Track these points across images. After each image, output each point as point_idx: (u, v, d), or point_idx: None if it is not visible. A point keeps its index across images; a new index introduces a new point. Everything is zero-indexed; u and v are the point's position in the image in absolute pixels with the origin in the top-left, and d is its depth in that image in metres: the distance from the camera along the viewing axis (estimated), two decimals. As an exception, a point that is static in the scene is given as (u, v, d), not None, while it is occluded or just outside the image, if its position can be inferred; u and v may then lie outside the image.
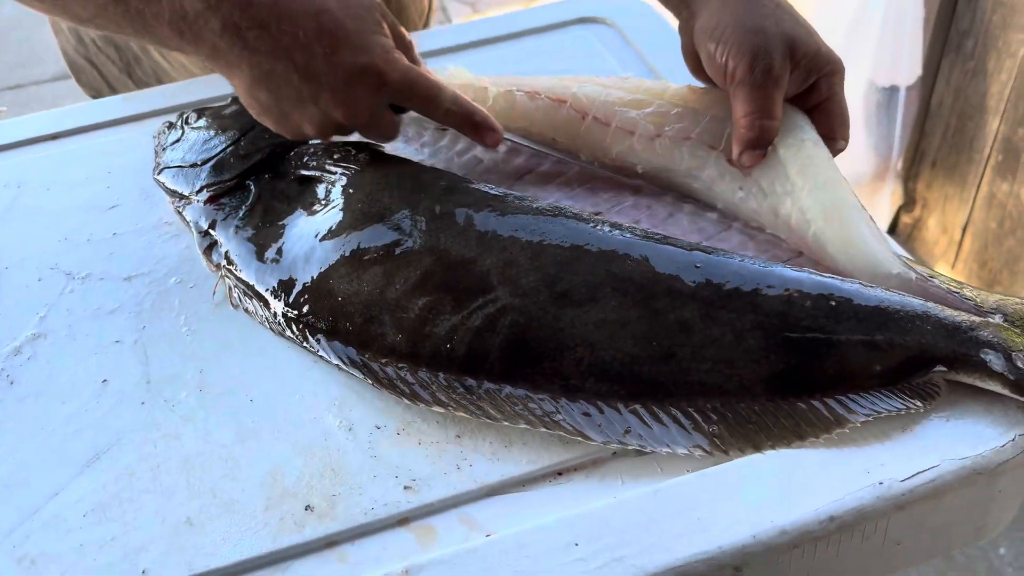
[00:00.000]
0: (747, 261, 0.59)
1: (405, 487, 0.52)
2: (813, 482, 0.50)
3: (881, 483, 0.49)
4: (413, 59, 0.68)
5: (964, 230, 1.95)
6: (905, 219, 2.12)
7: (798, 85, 0.65)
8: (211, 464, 0.55)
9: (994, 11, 1.74)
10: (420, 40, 0.93)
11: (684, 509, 0.49)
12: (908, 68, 1.81)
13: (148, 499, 0.54)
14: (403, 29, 0.68)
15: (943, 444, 0.51)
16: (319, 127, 0.66)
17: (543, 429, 0.54)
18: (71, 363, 0.64)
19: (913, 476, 0.49)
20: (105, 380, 0.62)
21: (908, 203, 2.09)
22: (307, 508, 0.52)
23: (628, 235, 0.61)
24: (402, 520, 0.51)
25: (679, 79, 0.85)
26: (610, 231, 0.61)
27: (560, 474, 0.53)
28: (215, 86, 0.90)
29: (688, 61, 0.72)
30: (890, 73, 1.82)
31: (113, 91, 1.05)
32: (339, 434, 0.56)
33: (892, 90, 1.84)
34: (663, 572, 0.47)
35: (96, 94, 1.06)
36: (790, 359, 0.54)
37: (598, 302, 0.56)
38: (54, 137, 0.88)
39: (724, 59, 0.64)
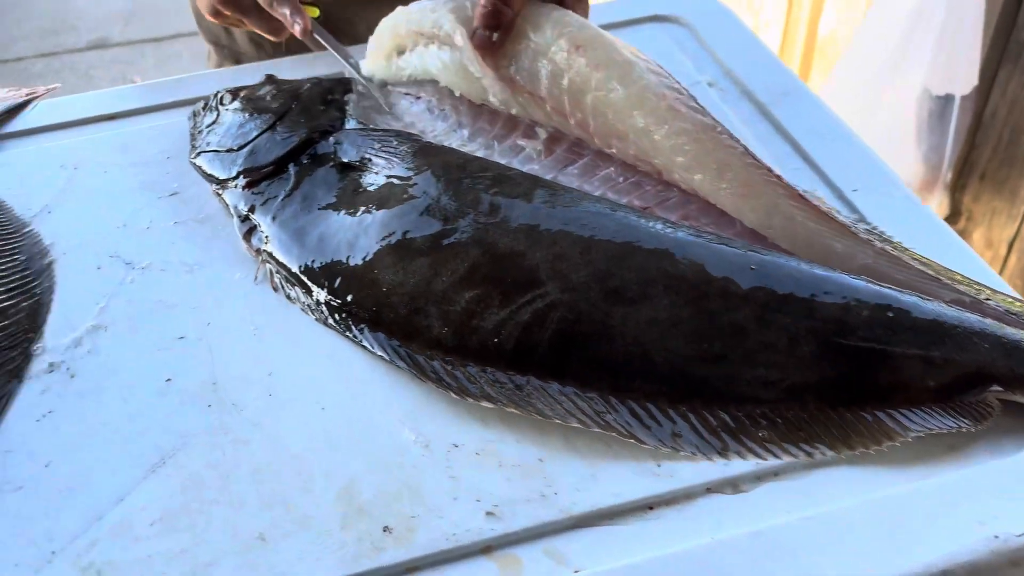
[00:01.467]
0: (804, 265, 0.57)
1: (487, 513, 0.50)
2: (923, 532, 0.47)
3: (996, 537, 0.47)
4: None
5: (1011, 246, 1.91)
6: (948, 231, 2.07)
7: None
8: (283, 475, 0.53)
9: (1058, 23, 1.69)
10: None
11: (787, 554, 0.47)
12: (965, 77, 1.76)
13: (218, 510, 0.51)
14: None
15: (1060, 496, 0.48)
16: (210, 11, 0.84)
17: (596, 429, 0.53)
18: (133, 358, 0.61)
19: (1030, 530, 0.47)
20: (169, 379, 0.60)
21: (953, 215, 2.05)
22: (385, 530, 0.50)
23: (681, 233, 0.59)
24: (485, 548, 0.49)
25: (758, 83, 0.82)
26: (663, 228, 0.60)
27: (651, 508, 0.50)
28: (270, 70, 0.87)
29: None
30: (946, 81, 1.78)
31: (230, 36, 1.04)
32: (415, 450, 0.54)
33: (947, 99, 1.80)
34: (765, 621, 0.44)
35: (215, 40, 1.06)
36: (843, 368, 0.53)
37: (650, 300, 0.56)
38: (111, 118, 0.86)
39: None
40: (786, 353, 0.54)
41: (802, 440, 0.52)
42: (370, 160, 0.70)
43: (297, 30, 0.80)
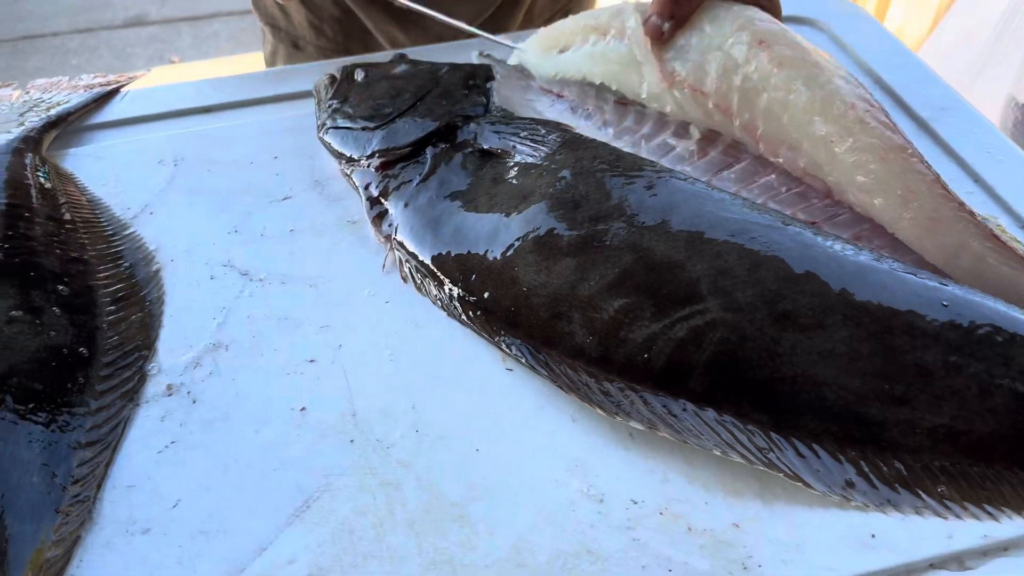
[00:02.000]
0: (1002, 306, 0.52)
1: (684, 584, 0.44)
2: None
3: None
4: None
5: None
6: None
7: None
8: (443, 526, 0.47)
9: None
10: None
11: (1040, 650, 0.41)
12: (1053, 87, 1.69)
13: (375, 566, 0.46)
14: None
15: None
16: None
17: (761, 467, 0.48)
18: (260, 382, 0.56)
19: None
20: (304, 408, 0.54)
21: None
22: (570, 600, 0.44)
23: (864, 256, 0.54)
24: (686, 626, 0.43)
25: (914, 96, 0.76)
26: (842, 248, 0.54)
27: (871, 585, 0.44)
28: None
29: None
30: (1033, 91, 1.70)
31: (288, 19, 0.98)
32: (588, 505, 0.48)
33: (1033, 109, 1.72)
34: None
35: (272, 22, 1.01)
36: None
37: (825, 329, 0.50)
38: (207, 110, 0.80)
39: None
40: (976, 403, 0.48)
41: (986, 500, 0.47)
42: (514, 148, 0.65)
43: None
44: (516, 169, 0.63)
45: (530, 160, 0.63)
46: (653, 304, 0.53)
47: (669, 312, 0.52)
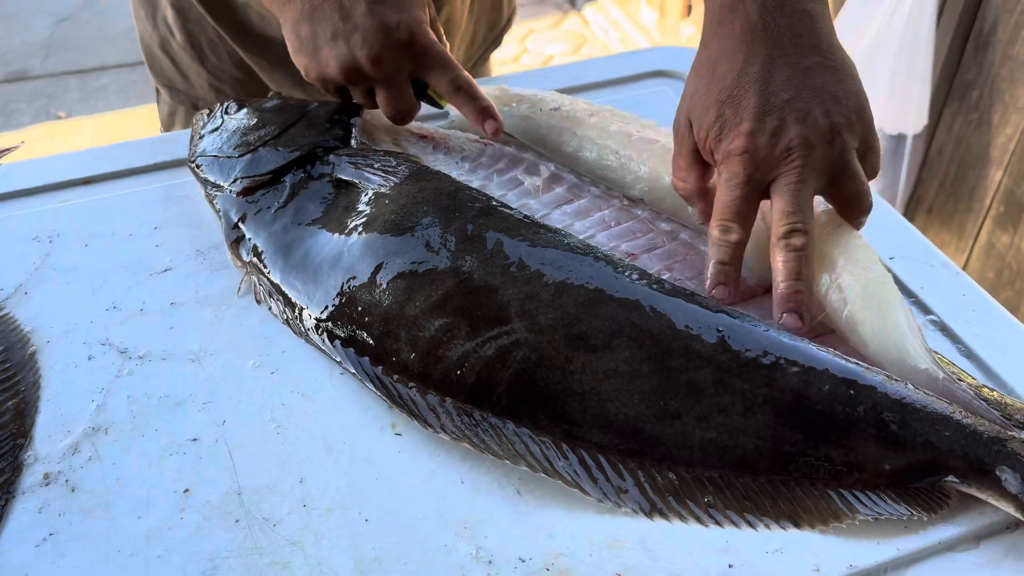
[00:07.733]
0: (772, 332, 0.56)
1: (571, 639, 0.46)
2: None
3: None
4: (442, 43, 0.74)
5: (960, 278, 1.96)
6: (898, 263, 2.12)
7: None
8: (333, 603, 0.48)
9: (1002, 64, 1.75)
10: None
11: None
12: (916, 117, 1.81)
13: (264, 650, 0.46)
14: (440, 27, 0.76)
15: None
16: (342, 66, 0.69)
17: (542, 474, 0.52)
18: (142, 465, 0.55)
19: None
20: (187, 489, 0.53)
21: (902, 248, 2.09)
22: (461, 666, 0.45)
23: (655, 286, 0.58)
24: None
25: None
26: (637, 279, 0.59)
27: (746, 624, 0.46)
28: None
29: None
30: (898, 121, 1.82)
31: (187, 82, 0.97)
32: (478, 569, 0.49)
33: (899, 138, 1.84)
34: None
35: (169, 84, 0.99)
36: (798, 442, 0.52)
37: (612, 351, 0.55)
38: (87, 182, 0.79)
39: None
40: (741, 419, 0.53)
41: (748, 511, 0.51)
42: (366, 179, 0.68)
43: (490, 129, 0.72)
44: (366, 198, 0.67)
45: (379, 188, 0.67)
46: (468, 325, 0.57)
47: (481, 332, 0.57)
